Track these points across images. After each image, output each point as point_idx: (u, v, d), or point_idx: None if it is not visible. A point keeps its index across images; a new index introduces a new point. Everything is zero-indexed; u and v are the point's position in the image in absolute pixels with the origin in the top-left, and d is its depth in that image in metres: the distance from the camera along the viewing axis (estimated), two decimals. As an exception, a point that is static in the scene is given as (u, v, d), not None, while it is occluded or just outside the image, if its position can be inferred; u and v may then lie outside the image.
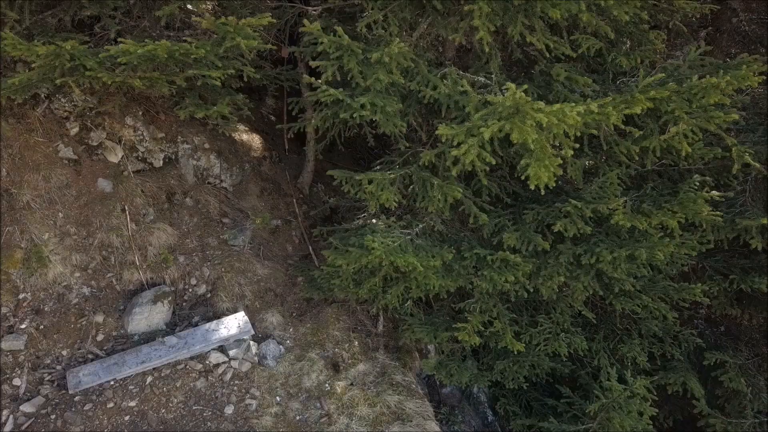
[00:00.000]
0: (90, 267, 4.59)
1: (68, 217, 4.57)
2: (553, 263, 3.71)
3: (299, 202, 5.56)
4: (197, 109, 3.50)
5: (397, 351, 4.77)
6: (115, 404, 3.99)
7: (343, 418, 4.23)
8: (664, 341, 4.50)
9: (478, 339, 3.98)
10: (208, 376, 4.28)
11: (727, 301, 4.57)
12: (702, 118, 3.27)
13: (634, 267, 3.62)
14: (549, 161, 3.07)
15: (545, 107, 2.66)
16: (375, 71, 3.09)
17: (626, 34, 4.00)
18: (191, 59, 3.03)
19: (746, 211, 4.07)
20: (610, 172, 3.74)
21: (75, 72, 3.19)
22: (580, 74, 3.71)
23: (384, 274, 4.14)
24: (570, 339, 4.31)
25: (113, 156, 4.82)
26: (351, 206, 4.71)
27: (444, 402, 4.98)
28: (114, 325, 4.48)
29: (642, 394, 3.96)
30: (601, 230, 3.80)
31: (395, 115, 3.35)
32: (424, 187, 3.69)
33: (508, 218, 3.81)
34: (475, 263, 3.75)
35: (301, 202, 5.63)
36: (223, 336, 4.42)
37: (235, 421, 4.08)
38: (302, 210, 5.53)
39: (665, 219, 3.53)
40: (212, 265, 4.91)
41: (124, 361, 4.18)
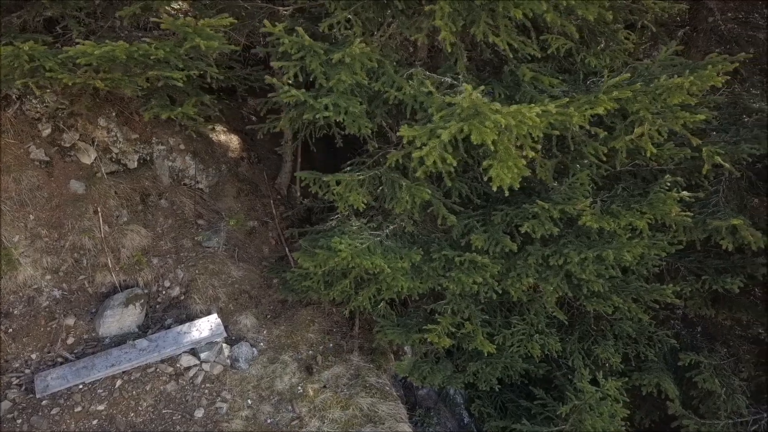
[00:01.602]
0: (61, 269, 4.55)
1: (39, 219, 4.53)
2: (522, 264, 3.69)
3: (276, 203, 5.53)
4: (162, 110, 3.47)
5: (372, 353, 4.74)
6: (83, 408, 3.96)
7: (315, 421, 4.20)
8: (639, 342, 4.49)
9: (448, 341, 3.96)
10: (178, 379, 4.24)
11: (701, 301, 4.56)
12: (668, 118, 3.26)
13: (603, 268, 3.61)
14: (512, 162, 3.05)
15: (503, 108, 2.64)
16: (338, 72, 3.07)
17: (599, 34, 3.99)
18: (151, 60, 3.00)
19: (718, 212, 4.05)
20: (581, 173, 3.72)
21: (36, 73, 3.15)
22: (550, 74, 3.70)
23: (355, 275, 4.11)
24: (544, 340, 4.29)
25: (86, 157, 4.78)
26: (325, 207, 4.69)
27: (420, 404, 4.96)
28: (85, 328, 4.44)
29: (613, 395, 3.95)
30: (571, 231, 3.78)
31: (361, 116, 3.32)
32: (393, 189, 3.67)
33: (477, 219, 3.79)
34: (444, 264, 3.73)
35: (278, 203, 5.60)
36: (194, 339, 4.39)
37: (204, 424, 4.04)
38: (279, 211, 5.51)
39: (633, 220, 3.51)
40: (186, 267, 4.88)
41: (93, 365, 4.14)
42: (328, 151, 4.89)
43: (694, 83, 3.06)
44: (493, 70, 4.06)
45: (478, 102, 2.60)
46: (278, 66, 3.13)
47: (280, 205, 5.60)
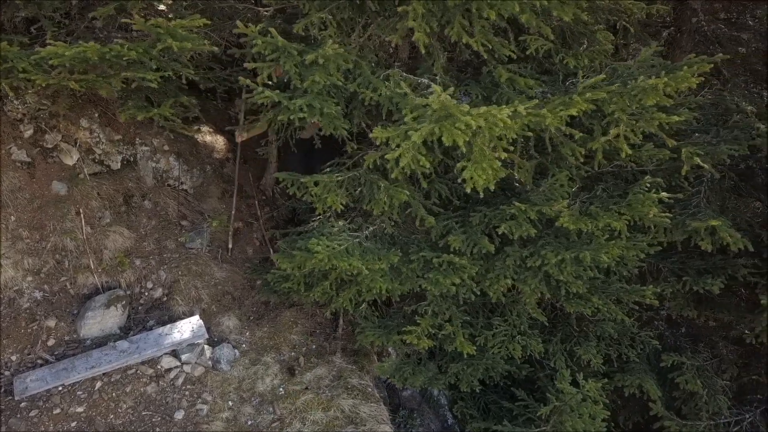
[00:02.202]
0: (43, 271, 4.53)
1: (21, 220, 4.51)
2: (500, 266, 3.68)
3: (261, 204, 5.52)
4: (138, 111, 3.46)
5: (355, 354, 4.73)
6: (62, 410, 3.94)
7: (296, 423, 4.19)
8: (621, 343, 4.49)
9: (427, 342, 3.96)
10: (159, 380, 4.23)
11: (684, 302, 4.56)
12: (644, 119, 3.26)
13: (581, 269, 3.60)
14: (487, 164, 3.05)
15: (472, 110, 2.64)
16: (312, 73, 3.06)
17: (578, 35, 3.99)
18: (124, 61, 2.99)
19: (699, 213, 4.05)
20: (560, 174, 3.72)
21: (10, 74, 3.14)
22: (529, 75, 3.70)
23: (335, 277, 4.11)
24: (526, 341, 4.28)
25: (69, 158, 4.77)
26: (308, 208, 4.68)
27: (404, 405, 4.95)
28: (66, 329, 4.43)
29: (593, 396, 3.94)
30: (550, 233, 3.78)
31: (338, 117, 3.32)
32: (372, 190, 3.66)
33: (456, 221, 3.79)
34: (423, 266, 3.72)
35: (263, 204, 5.59)
36: (176, 340, 4.38)
37: (184, 426, 4.03)
38: (264, 212, 5.50)
39: (611, 221, 3.51)
40: (169, 268, 4.87)
41: (73, 366, 4.13)
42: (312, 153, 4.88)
43: (668, 84, 3.06)
44: (473, 71, 4.06)
45: (448, 104, 2.60)
46: (252, 67, 3.12)
47: (265, 206, 5.59)
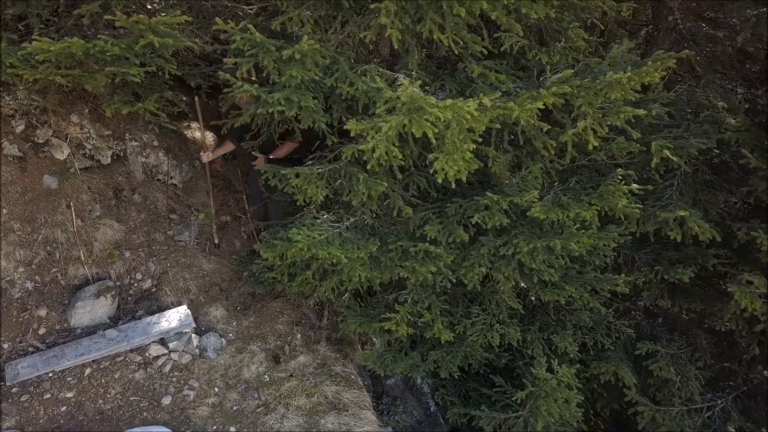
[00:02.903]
0: (34, 262, 4.66)
1: (12, 213, 4.63)
2: (475, 255, 3.81)
3: (250, 199, 5.64)
4: (123, 105, 3.58)
5: (339, 343, 4.86)
6: (52, 395, 4.07)
7: (280, 408, 4.32)
8: (597, 332, 4.62)
9: (406, 329, 4.08)
10: (147, 367, 4.36)
11: (659, 292, 4.69)
12: (611, 112, 3.39)
13: (553, 258, 3.73)
14: (458, 155, 3.17)
15: (440, 103, 2.76)
16: (290, 68, 3.18)
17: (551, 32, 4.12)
18: (108, 56, 3.11)
19: (671, 204, 4.18)
20: (533, 166, 3.85)
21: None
22: (504, 71, 3.83)
23: (317, 267, 4.23)
24: (504, 330, 4.41)
25: (60, 153, 4.89)
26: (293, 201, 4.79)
27: (387, 393, 5.08)
28: (57, 318, 4.55)
29: (567, 382, 4.07)
30: (525, 223, 3.90)
31: (316, 110, 3.44)
32: (351, 182, 3.78)
33: (433, 212, 3.91)
34: (401, 255, 3.85)
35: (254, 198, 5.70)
36: (164, 329, 4.50)
37: (171, 411, 4.16)
38: (251, 206, 5.61)
39: (581, 211, 3.64)
40: (158, 260, 4.99)
41: (63, 354, 4.25)
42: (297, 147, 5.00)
43: (632, 78, 3.18)
44: (451, 67, 4.18)
45: (416, 96, 2.72)
46: (232, 62, 3.24)
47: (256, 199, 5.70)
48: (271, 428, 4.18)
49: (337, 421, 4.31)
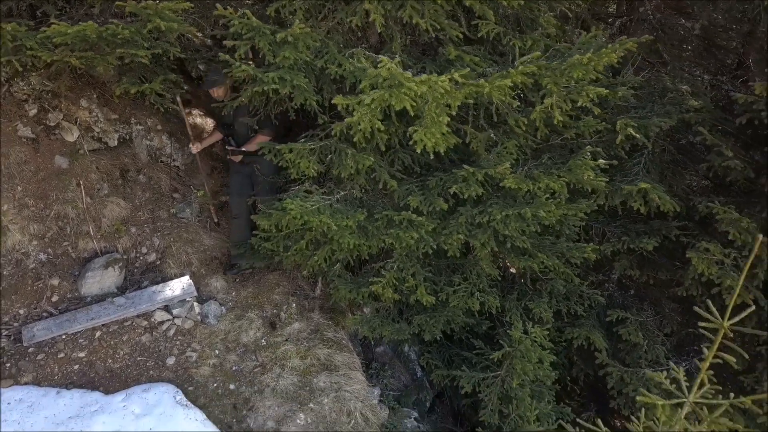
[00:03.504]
0: (47, 236, 5.00)
1: (26, 190, 4.97)
2: (454, 223, 4.15)
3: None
4: (131, 86, 3.92)
5: (332, 311, 5.21)
6: (65, 355, 4.41)
7: (276, 368, 4.67)
8: (570, 300, 4.97)
9: (392, 293, 4.43)
10: (152, 331, 4.70)
11: (628, 263, 5.04)
12: (575, 91, 3.73)
13: (525, 225, 4.08)
14: (435, 129, 3.52)
15: (416, 78, 3.11)
16: (283, 50, 3.52)
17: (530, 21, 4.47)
18: (119, 39, 3.45)
19: (637, 180, 4.53)
20: (508, 142, 4.19)
21: (18, 52, 3.60)
22: (482, 56, 4.18)
23: (310, 238, 4.58)
24: (484, 297, 4.75)
25: (70, 135, 5.22)
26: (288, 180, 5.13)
27: (377, 360, 5.43)
28: (68, 288, 4.90)
29: (540, 341, 4.42)
30: (500, 195, 4.25)
31: (307, 89, 3.78)
32: (340, 157, 4.12)
33: (416, 185, 4.26)
34: (386, 224, 4.19)
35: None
36: (168, 297, 4.85)
37: (175, 370, 4.51)
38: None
39: (550, 182, 3.98)
40: (162, 235, 5.33)
41: (75, 318, 4.60)
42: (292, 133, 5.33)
43: (591, 59, 3.53)
44: (434, 52, 4.52)
45: (395, 72, 3.07)
46: (230, 45, 3.59)
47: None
48: (268, 386, 4.53)
49: (329, 380, 4.67)
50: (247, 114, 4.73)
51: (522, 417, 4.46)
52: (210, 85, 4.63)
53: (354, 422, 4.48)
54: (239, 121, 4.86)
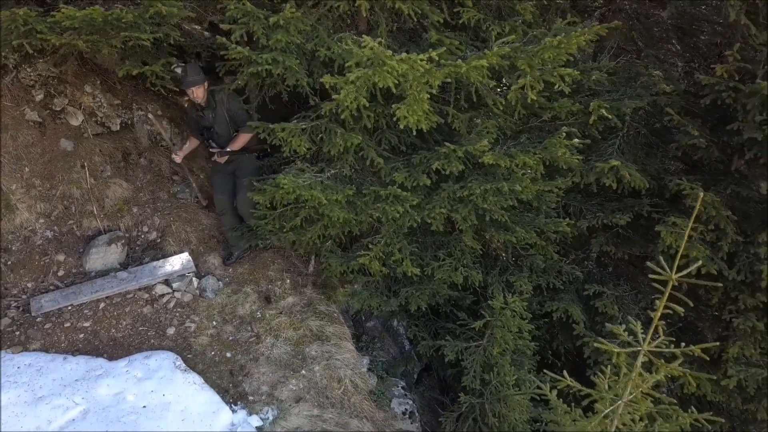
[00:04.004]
0: (53, 215, 5.26)
1: (33, 171, 5.24)
2: (437, 198, 4.42)
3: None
4: (133, 67, 4.19)
5: (324, 287, 5.48)
6: (71, 324, 4.68)
7: (270, 338, 4.94)
8: (549, 274, 5.24)
9: (379, 266, 4.70)
10: (153, 304, 4.97)
11: (604, 239, 5.31)
12: (547, 72, 4.01)
13: (503, 200, 4.35)
14: (417, 106, 3.80)
15: (396, 56, 3.38)
16: (276, 33, 3.80)
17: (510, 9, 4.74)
18: (123, 23, 3.72)
19: (610, 159, 4.80)
20: (487, 122, 4.47)
21: (29, 35, 3.87)
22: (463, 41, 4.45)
23: (304, 216, 4.84)
24: (468, 272, 5.01)
25: (74, 120, 5.49)
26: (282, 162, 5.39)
27: (367, 333, 5.70)
28: (74, 263, 5.16)
29: (519, 311, 4.69)
30: (480, 172, 4.52)
31: (299, 70, 4.05)
32: (330, 136, 4.40)
33: (402, 163, 4.53)
34: (373, 199, 4.45)
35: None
36: (168, 271, 5.11)
37: (175, 339, 4.77)
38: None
39: (526, 159, 4.26)
40: (162, 215, 5.60)
41: (80, 291, 4.86)
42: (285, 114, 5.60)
43: (562, 42, 3.81)
44: (418, 38, 4.80)
45: (377, 51, 3.34)
46: (227, 29, 3.86)
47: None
48: (262, 354, 4.80)
49: (320, 349, 4.94)
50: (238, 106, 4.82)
51: (502, 383, 4.72)
52: (189, 85, 4.62)
53: (344, 388, 4.75)
54: (220, 123, 4.90)
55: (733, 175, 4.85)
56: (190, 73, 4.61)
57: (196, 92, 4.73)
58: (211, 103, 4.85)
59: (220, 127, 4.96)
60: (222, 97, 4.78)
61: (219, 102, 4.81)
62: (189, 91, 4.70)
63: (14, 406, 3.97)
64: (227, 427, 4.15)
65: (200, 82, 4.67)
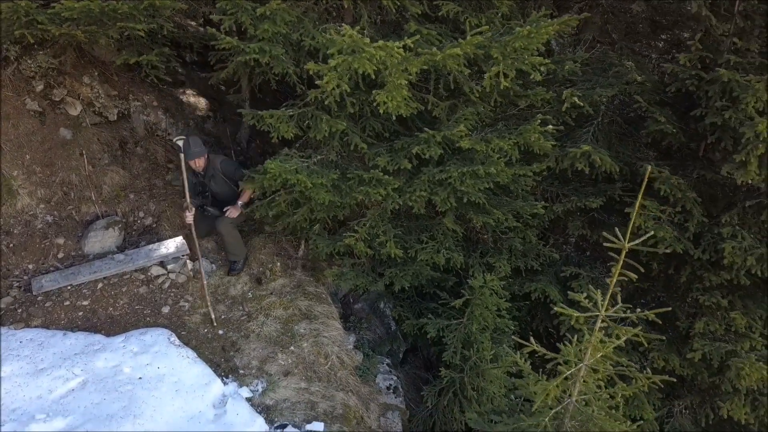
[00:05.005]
0: (53, 200, 5.49)
1: (34, 158, 5.47)
2: (418, 182, 4.66)
3: (236, 153, 6.48)
4: (130, 56, 4.43)
5: (313, 269, 5.72)
6: (71, 303, 4.91)
7: (261, 317, 5.17)
8: (528, 257, 5.49)
9: (364, 247, 4.94)
10: (149, 284, 5.20)
11: (580, 223, 5.56)
12: (519, 60, 4.25)
13: (479, 182, 4.59)
14: (396, 92, 4.04)
15: (374, 43, 3.62)
16: (263, 23, 4.04)
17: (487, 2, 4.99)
18: (119, 14, 3.96)
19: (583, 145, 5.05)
20: (466, 110, 4.71)
21: (30, 26, 4.10)
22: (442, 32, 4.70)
23: (291, 200, 5.07)
24: (450, 254, 5.26)
25: (73, 110, 5.72)
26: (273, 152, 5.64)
27: (355, 315, 5.94)
28: (73, 246, 5.39)
29: (496, 290, 4.93)
30: (459, 157, 4.77)
31: (285, 59, 4.29)
32: (316, 122, 4.64)
33: (385, 148, 4.77)
34: (357, 182, 4.69)
35: (238, 153, 6.54)
36: (163, 254, 5.35)
37: (170, 317, 5.01)
38: (239, 159, 6.45)
39: (501, 143, 4.50)
40: (158, 201, 5.83)
41: (79, 272, 5.10)
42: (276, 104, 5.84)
43: (531, 32, 4.05)
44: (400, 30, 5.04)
45: (356, 38, 3.58)
46: (217, 19, 4.10)
47: (240, 155, 6.55)
48: (253, 331, 5.04)
49: (309, 327, 5.17)
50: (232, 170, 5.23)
51: (481, 359, 4.97)
52: (192, 156, 5.04)
53: (330, 364, 4.99)
54: (219, 184, 5.27)
55: (701, 160, 5.10)
56: (192, 146, 5.03)
57: (198, 162, 5.16)
58: (209, 171, 5.28)
59: (219, 188, 5.37)
60: (216, 164, 5.25)
61: (214, 168, 5.26)
62: (192, 162, 5.10)
63: (17, 377, 4.20)
64: (219, 397, 4.38)
65: (202, 153, 5.10)
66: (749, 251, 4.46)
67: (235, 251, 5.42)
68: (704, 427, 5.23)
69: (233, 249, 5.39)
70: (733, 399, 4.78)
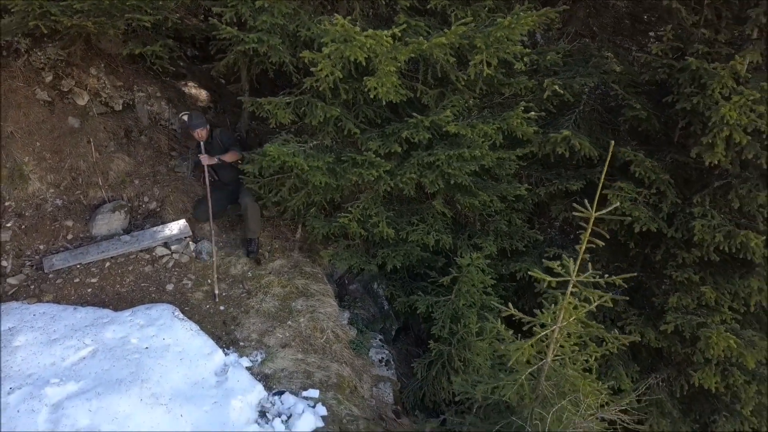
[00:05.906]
0: (62, 185, 5.78)
1: (44, 145, 5.75)
2: (408, 165, 4.96)
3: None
4: (136, 47, 4.72)
5: (309, 251, 6.02)
6: (80, 280, 5.20)
7: (260, 294, 5.47)
8: (513, 238, 5.78)
9: (358, 227, 5.23)
10: (154, 263, 5.49)
11: (563, 206, 5.86)
12: (500, 49, 4.55)
13: (465, 164, 4.88)
14: (386, 79, 4.33)
15: (364, 32, 3.91)
16: (261, 15, 4.33)
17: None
18: (127, 6, 4.25)
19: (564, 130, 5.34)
20: (453, 97, 5.01)
21: (43, 17, 4.39)
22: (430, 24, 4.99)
23: (290, 186, 5.37)
24: (439, 236, 5.55)
25: (81, 100, 6.01)
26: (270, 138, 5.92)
27: (349, 294, 6.23)
28: (81, 229, 5.68)
29: (482, 268, 5.22)
30: (447, 142, 5.06)
31: (282, 49, 4.58)
32: (312, 109, 4.93)
33: (376, 133, 5.07)
34: (351, 165, 4.99)
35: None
36: (167, 235, 5.64)
37: (174, 294, 5.30)
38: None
39: (485, 128, 4.80)
40: (161, 186, 6.12)
41: (88, 252, 5.38)
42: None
43: (512, 22, 4.35)
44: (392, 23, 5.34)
45: (347, 28, 3.87)
46: (218, 11, 4.39)
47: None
48: (252, 307, 5.33)
49: (306, 304, 5.47)
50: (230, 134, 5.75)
51: (468, 333, 5.26)
52: (195, 127, 5.56)
53: (326, 337, 5.29)
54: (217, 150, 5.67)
55: (675, 145, 5.39)
56: (195, 119, 5.60)
57: (200, 133, 5.62)
58: (212, 143, 5.72)
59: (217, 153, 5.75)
60: (217, 134, 5.77)
61: (216, 138, 5.76)
62: (195, 132, 5.59)
63: (32, 346, 4.49)
64: (220, 366, 4.68)
65: (204, 125, 5.58)
66: (717, 229, 4.76)
67: (253, 227, 5.75)
68: (679, 398, 5.53)
69: (252, 224, 5.72)
70: (704, 369, 5.07)
